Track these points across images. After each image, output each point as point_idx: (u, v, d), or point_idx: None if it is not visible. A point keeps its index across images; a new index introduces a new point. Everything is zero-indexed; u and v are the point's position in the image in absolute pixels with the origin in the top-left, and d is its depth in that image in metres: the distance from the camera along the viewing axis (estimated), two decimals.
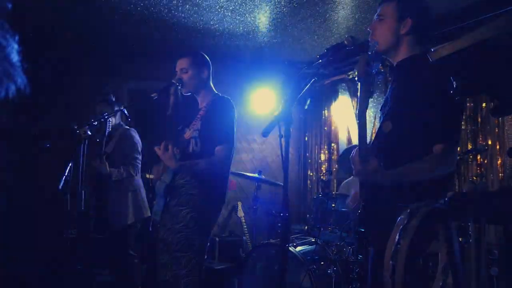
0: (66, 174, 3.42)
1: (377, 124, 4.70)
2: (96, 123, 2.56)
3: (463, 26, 3.89)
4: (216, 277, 4.19)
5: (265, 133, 1.72)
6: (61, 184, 3.39)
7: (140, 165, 3.72)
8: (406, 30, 1.92)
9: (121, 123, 3.84)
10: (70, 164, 3.39)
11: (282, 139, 1.74)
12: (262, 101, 5.69)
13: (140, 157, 3.73)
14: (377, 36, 1.96)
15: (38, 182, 4.51)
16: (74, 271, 3.60)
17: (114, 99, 3.81)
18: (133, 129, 3.81)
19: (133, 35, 4.71)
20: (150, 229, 3.66)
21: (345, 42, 1.98)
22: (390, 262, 1.03)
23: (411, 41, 1.95)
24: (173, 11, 4.07)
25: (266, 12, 4.06)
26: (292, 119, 1.77)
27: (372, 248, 1.82)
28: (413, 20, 1.92)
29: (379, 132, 1.97)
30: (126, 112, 3.37)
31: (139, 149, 3.74)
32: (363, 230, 1.80)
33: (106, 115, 3.14)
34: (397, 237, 1.05)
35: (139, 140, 3.78)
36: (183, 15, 4.15)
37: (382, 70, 4.59)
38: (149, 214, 3.76)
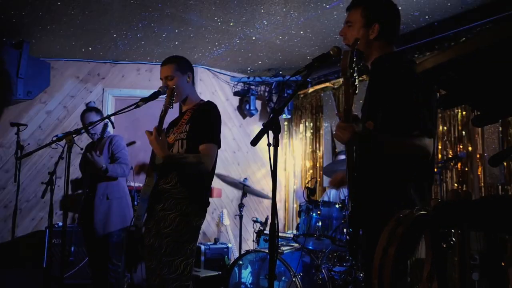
0: (49, 181, 3.39)
1: None
2: (82, 131, 2.55)
3: (447, 36, 4.01)
4: (202, 286, 4.17)
5: (254, 143, 1.74)
6: (45, 191, 3.37)
7: (128, 170, 3.71)
8: (375, 35, 1.99)
9: (108, 130, 3.83)
10: (55, 172, 3.37)
11: (271, 147, 1.77)
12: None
13: (128, 162, 3.72)
14: (349, 41, 2.02)
15: (22, 190, 4.45)
16: (57, 280, 3.56)
17: (99, 108, 3.81)
18: (120, 135, 3.81)
19: (119, 41, 4.70)
20: (132, 230, 3.63)
21: (331, 52, 2.03)
22: (378, 267, 1.06)
23: (381, 44, 2.02)
24: (161, 19, 4.09)
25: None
26: (280, 127, 1.80)
27: (360, 250, 1.86)
28: (380, 25, 1.99)
29: None
30: (111, 119, 3.36)
31: (127, 154, 3.73)
32: (351, 231, 1.83)
33: (92, 122, 3.14)
34: (385, 243, 1.08)
35: (126, 147, 3.78)
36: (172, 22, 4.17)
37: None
38: None
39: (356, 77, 1.66)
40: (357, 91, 1.68)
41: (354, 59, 1.64)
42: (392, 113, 1.86)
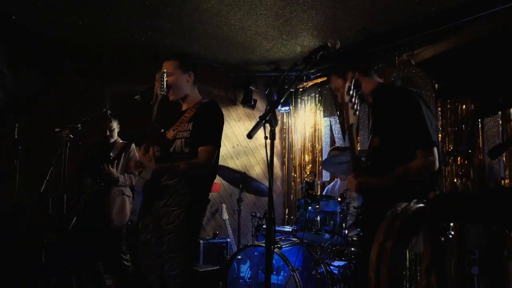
0: (48, 177, 3.38)
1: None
2: (79, 126, 2.59)
3: (445, 29, 3.97)
4: (201, 280, 4.16)
5: (250, 135, 1.73)
6: (43, 187, 3.35)
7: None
8: (358, 75, 2.33)
9: (118, 138, 4.20)
10: (52, 167, 3.36)
11: (267, 140, 1.75)
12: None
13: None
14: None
15: (20, 185, 4.43)
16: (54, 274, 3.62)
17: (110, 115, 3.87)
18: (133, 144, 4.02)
19: (117, 37, 4.67)
20: (125, 230, 4.02)
21: (328, 44, 2.00)
22: (375, 262, 1.04)
23: (367, 79, 2.38)
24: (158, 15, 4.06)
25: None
26: (277, 120, 1.78)
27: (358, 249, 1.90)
28: (357, 70, 2.34)
29: (370, 146, 2.33)
30: (109, 114, 3.38)
31: None
32: (359, 230, 1.91)
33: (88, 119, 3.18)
34: (382, 237, 1.07)
35: None
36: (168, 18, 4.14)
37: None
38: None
39: (356, 101, 2.00)
40: (357, 113, 2.04)
41: (352, 88, 1.99)
42: (403, 131, 2.13)
